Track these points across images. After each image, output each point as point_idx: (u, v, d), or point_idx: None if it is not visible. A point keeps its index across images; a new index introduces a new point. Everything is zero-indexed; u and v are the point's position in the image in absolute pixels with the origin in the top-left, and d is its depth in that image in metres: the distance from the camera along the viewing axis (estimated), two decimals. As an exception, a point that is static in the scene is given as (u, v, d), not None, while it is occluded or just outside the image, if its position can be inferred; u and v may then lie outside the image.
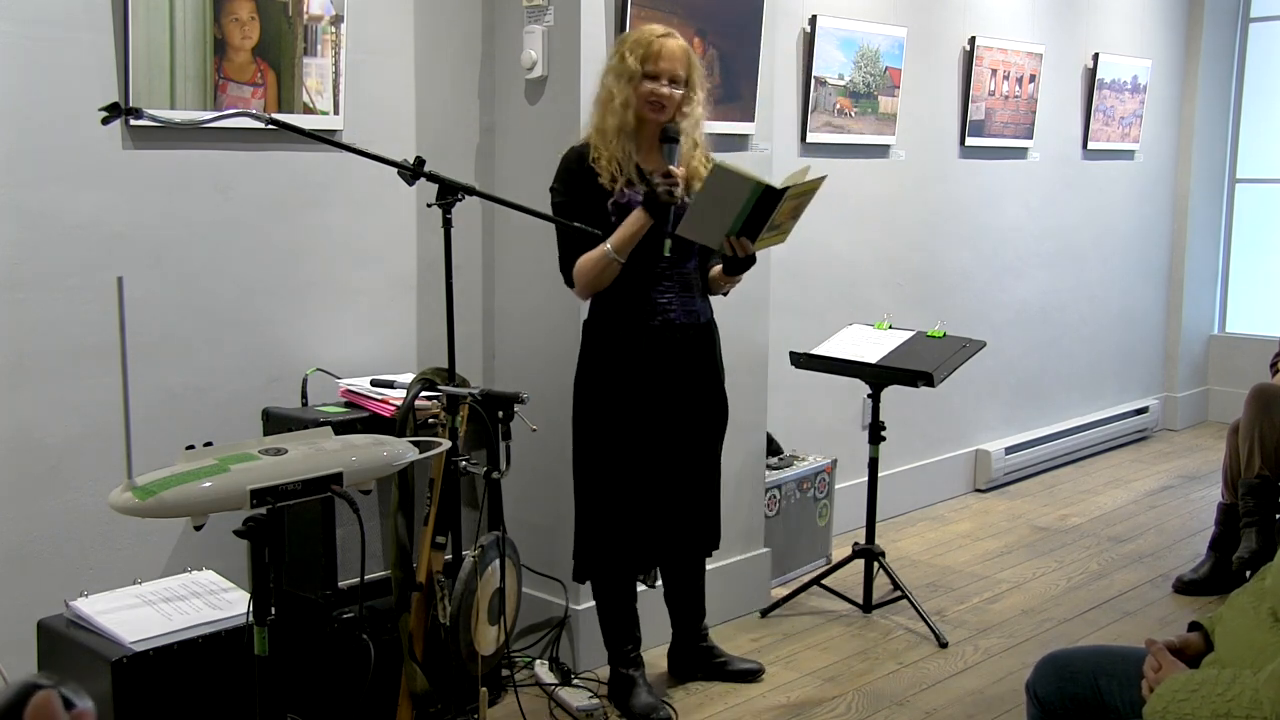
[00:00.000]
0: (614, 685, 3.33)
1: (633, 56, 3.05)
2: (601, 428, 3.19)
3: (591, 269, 3.06)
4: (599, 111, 3.11)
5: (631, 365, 3.17)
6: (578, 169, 3.09)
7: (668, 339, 3.18)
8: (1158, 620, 4.09)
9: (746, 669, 3.55)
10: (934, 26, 5.12)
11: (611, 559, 3.27)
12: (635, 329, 3.16)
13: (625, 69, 3.05)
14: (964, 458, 5.61)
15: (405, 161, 2.70)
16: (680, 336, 3.20)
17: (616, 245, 3.03)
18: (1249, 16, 7.11)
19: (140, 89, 2.89)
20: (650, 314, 3.16)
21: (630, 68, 3.04)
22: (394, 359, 3.54)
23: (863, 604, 4.10)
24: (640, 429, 3.19)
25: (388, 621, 2.97)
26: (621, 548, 3.25)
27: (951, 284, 5.41)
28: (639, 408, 3.18)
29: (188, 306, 3.10)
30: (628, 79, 3.05)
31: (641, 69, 3.04)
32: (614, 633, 3.33)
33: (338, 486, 2.23)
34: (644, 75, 3.04)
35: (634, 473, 3.20)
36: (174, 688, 2.54)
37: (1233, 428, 4.33)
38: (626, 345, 3.16)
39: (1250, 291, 7.24)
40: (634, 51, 3.05)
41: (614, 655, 3.34)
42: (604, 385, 3.19)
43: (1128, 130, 6.43)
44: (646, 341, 3.17)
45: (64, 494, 2.93)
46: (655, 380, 3.18)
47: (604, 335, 3.19)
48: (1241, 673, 1.91)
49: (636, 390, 3.17)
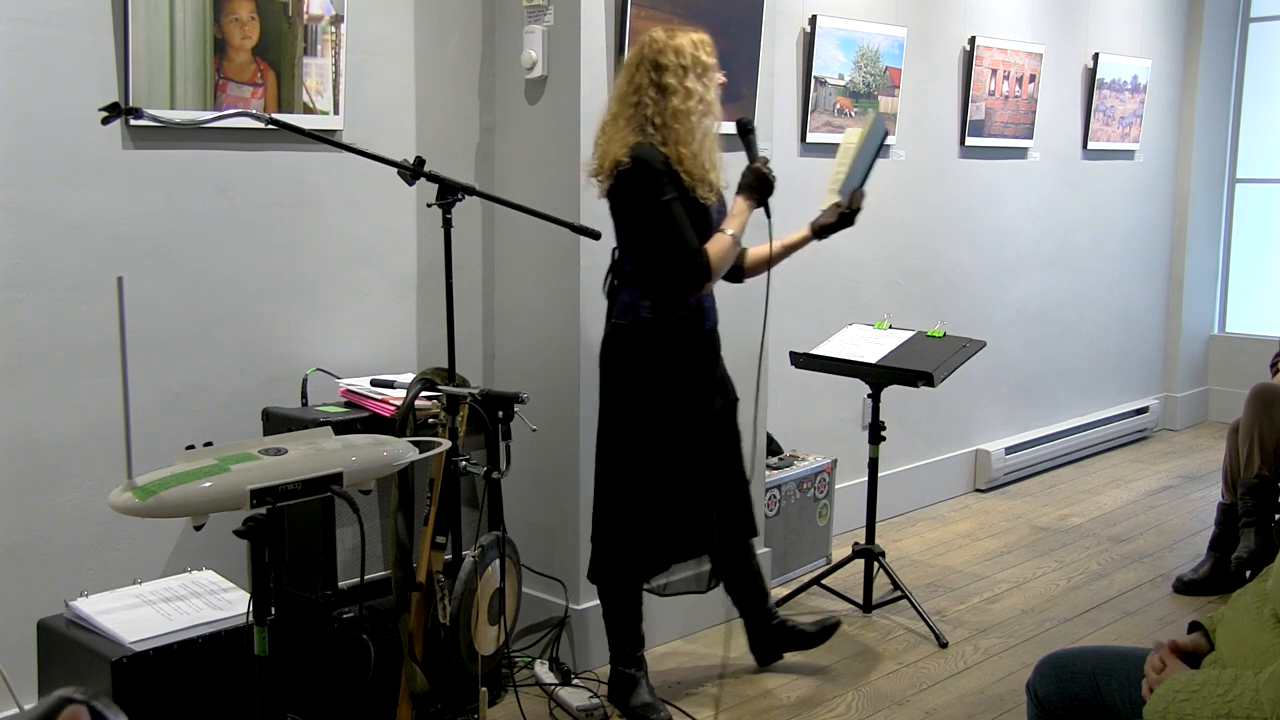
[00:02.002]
0: (615, 684, 3.34)
1: (709, 55, 3.08)
2: (647, 429, 3.18)
3: (727, 253, 3.11)
4: (683, 115, 3.03)
5: (683, 369, 3.19)
6: (666, 169, 3.04)
7: (711, 343, 3.27)
8: (1158, 620, 4.09)
9: (826, 625, 3.60)
10: (934, 26, 5.12)
11: (632, 560, 3.26)
12: (691, 332, 3.19)
13: (704, 65, 3.07)
14: (964, 458, 5.61)
15: (405, 161, 2.70)
16: (715, 340, 3.29)
17: (737, 230, 3.12)
18: (1249, 16, 7.11)
19: (140, 89, 2.89)
20: (702, 318, 3.22)
21: (708, 64, 3.07)
22: (394, 359, 3.54)
23: (863, 604, 4.10)
24: (682, 431, 3.20)
25: (388, 621, 2.97)
26: (645, 549, 3.25)
27: (951, 284, 5.41)
28: (683, 410, 3.19)
29: (188, 306, 3.10)
30: (710, 78, 3.08)
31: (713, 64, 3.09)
32: (620, 632, 3.32)
33: (338, 486, 2.23)
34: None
35: (673, 474, 3.21)
36: (174, 688, 2.54)
37: (1233, 428, 4.33)
38: (681, 348, 3.18)
39: (1250, 291, 7.24)
40: (707, 51, 3.08)
41: (616, 654, 3.33)
42: (655, 387, 3.17)
43: (1128, 130, 6.43)
44: (698, 345, 3.22)
45: (64, 494, 2.93)
46: (699, 384, 3.23)
47: (661, 336, 3.15)
48: (1243, 673, 1.91)
49: (683, 393, 3.20)
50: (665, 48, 3.05)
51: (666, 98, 3.03)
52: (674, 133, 3.03)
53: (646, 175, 3.01)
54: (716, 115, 3.11)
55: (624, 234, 3.15)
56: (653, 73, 3.05)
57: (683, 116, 3.03)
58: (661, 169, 3.02)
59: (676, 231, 3.03)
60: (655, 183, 3.01)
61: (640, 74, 3.06)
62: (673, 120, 3.03)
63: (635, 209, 3.06)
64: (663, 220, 3.02)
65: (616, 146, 3.03)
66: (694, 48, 3.07)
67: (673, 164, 3.03)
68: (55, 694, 0.77)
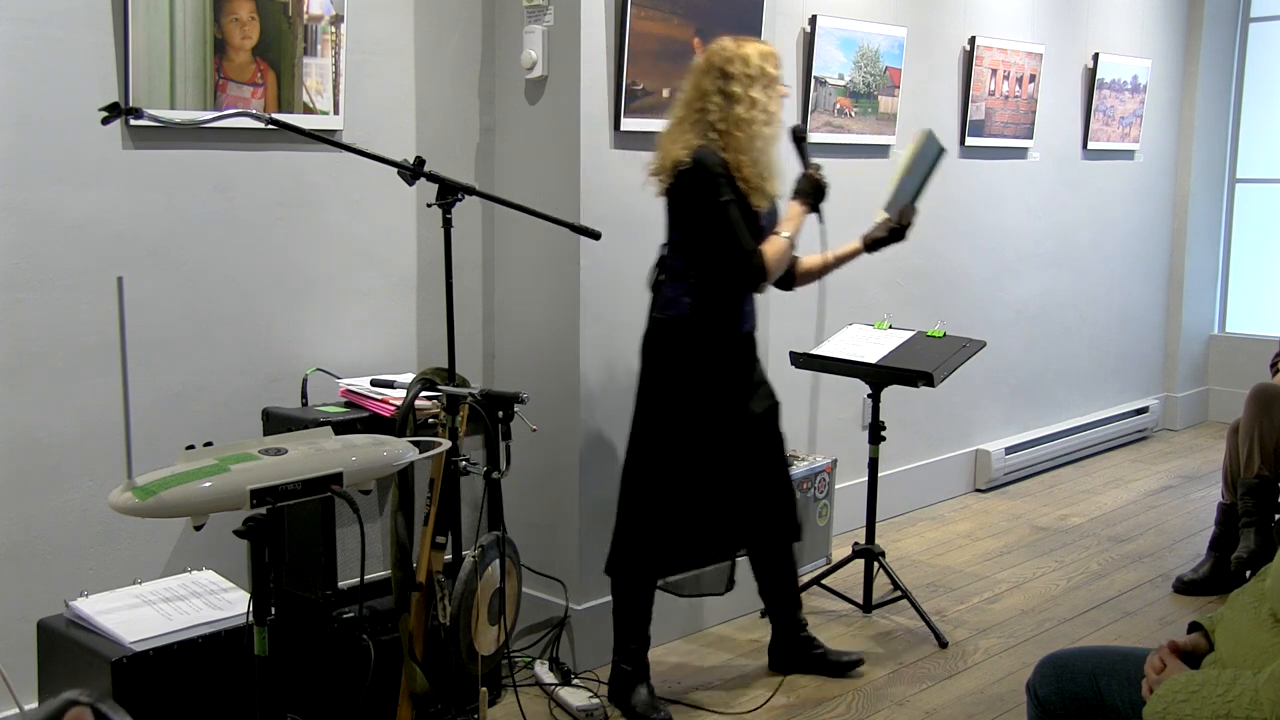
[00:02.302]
0: (615, 681, 3.34)
1: (774, 68, 3.15)
2: (681, 425, 3.22)
3: (782, 255, 3.20)
4: (746, 123, 3.10)
5: (720, 368, 3.24)
6: (724, 173, 3.11)
7: (748, 346, 3.32)
8: (1158, 620, 4.09)
9: (848, 660, 3.60)
10: (934, 26, 5.12)
11: (653, 555, 3.28)
12: (728, 333, 3.25)
13: (770, 77, 3.14)
14: (964, 458, 5.61)
15: (405, 161, 2.70)
16: (752, 343, 3.35)
17: (792, 233, 3.22)
18: (1249, 16, 7.11)
19: (140, 89, 2.89)
20: (741, 320, 3.27)
21: (774, 75, 3.14)
22: (394, 359, 3.54)
23: (863, 604, 4.10)
24: (715, 430, 3.24)
25: (388, 621, 2.97)
26: (668, 546, 3.27)
27: (951, 284, 5.41)
28: (718, 409, 3.24)
29: (188, 306, 3.10)
30: (774, 90, 3.14)
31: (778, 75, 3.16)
32: (627, 628, 3.32)
33: (338, 486, 2.23)
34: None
35: (704, 472, 3.24)
36: (174, 688, 2.54)
37: (1233, 428, 4.33)
38: (718, 348, 3.23)
39: (1250, 291, 7.24)
40: (774, 64, 3.16)
41: (621, 651, 3.33)
42: (691, 383, 3.21)
43: (1128, 130, 6.43)
44: (735, 346, 3.27)
45: (64, 494, 2.93)
46: (735, 385, 3.28)
47: (698, 333, 3.21)
48: (1242, 673, 1.91)
49: (719, 392, 3.24)
50: (733, 56, 3.13)
51: (731, 105, 3.11)
52: (735, 140, 3.11)
53: (705, 177, 3.09)
54: (778, 125, 3.19)
55: (675, 231, 3.21)
56: (719, 80, 3.12)
57: (745, 124, 3.11)
58: (719, 172, 3.09)
59: (734, 233, 3.11)
60: (714, 184, 3.09)
61: (707, 80, 3.14)
62: (735, 128, 3.11)
63: (693, 209, 3.13)
64: (721, 221, 3.10)
65: (678, 147, 3.11)
66: (760, 59, 3.15)
67: (730, 169, 3.11)
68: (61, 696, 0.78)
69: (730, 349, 3.27)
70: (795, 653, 3.60)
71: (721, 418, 3.25)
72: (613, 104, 3.50)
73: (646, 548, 3.26)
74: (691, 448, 3.23)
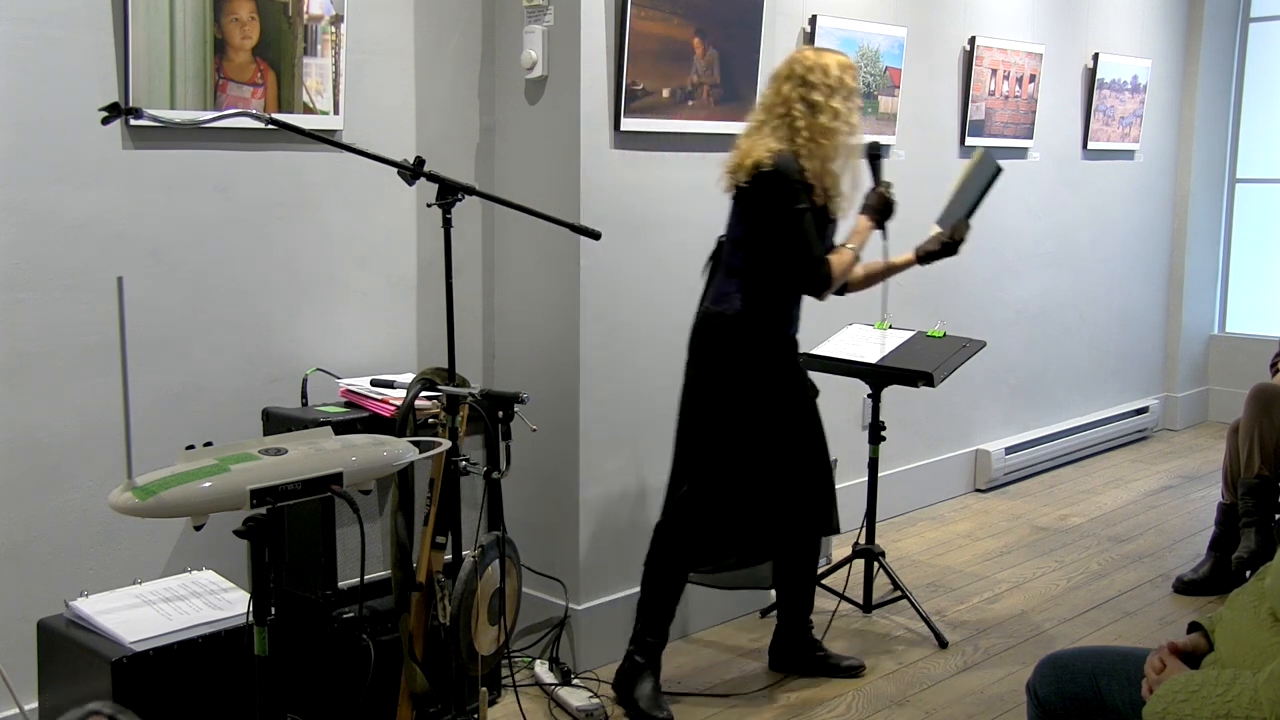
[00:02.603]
0: (625, 671, 3.35)
1: (853, 81, 3.23)
2: (732, 421, 3.27)
3: (847, 268, 3.30)
4: (831, 132, 3.17)
5: (767, 365, 3.29)
6: (801, 180, 3.17)
7: (792, 348, 3.39)
8: (1158, 620, 4.09)
9: (850, 665, 3.61)
10: (934, 26, 5.12)
11: (702, 550, 3.35)
12: (775, 333, 3.31)
13: (849, 89, 3.21)
14: (964, 458, 5.61)
15: (405, 161, 2.70)
16: (795, 345, 3.40)
17: (858, 248, 3.33)
18: (1249, 16, 7.11)
19: (140, 89, 2.89)
20: (788, 323, 3.35)
21: (853, 87, 3.22)
22: (394, 359, 3.54)
23: (863, 604, 4.10)
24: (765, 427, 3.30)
25: (388, 621, 2.97)
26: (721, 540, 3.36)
27: (951, 284, 5.41)
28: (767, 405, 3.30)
29: (188, 306, 3.10)
30: (853, 102, 3.22)
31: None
32: (650, 621, 3.34)
33: (338, 486, 2.23)
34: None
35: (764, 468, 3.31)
36: (174, 688, 2.54)
37: (1233, 428, 4.33)
38: (768, 348, 3.29)
39: (1250, 291, 7.24)
40: (855, 77, 3.25)
41: (637, 642, 3.34)
42: (741, 379, 3.27)
43: (1128, 130, 6.43)
44: (780, 347, 3.33)
45: (64, 494, 2.93)
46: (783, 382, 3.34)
47: (750, 334, 3.27)
48: (1241, 673, 1.91)
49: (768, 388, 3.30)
50: (814, 65, 3.20)
51: (815, 114, 3.18)
52: (819, 148, 3.19)
53: (784, 183, 3.15)
54: (859, 137, 3.26)
55: (740, 229, 3.26)
56: (801, 88, 3.19)
57: (830, 134, 3.18)
58: (797, 179, 3.16)
59: (805, 240, 3.18)
60: (791, 191, 3.15)
61: (789, 88, 3.20)
62: (820, 136, 3.18)
63: (767, 212, 3.18)
64: (794, 227, 3.16)
65: (760, 150, 3.17)
66: (840, 70, 3.21)
67: (809, 176, 3.16)
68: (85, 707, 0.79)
69: (776, 349, 3.32)
70: (798, 653, 3.60)
71: (773, 415, 3.31)
72: (613, 104, 3.50)
73: (695, 541, 3.32)
74: (748, 445, 3.28)
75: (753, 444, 3.29)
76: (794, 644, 3.61)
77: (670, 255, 3.72)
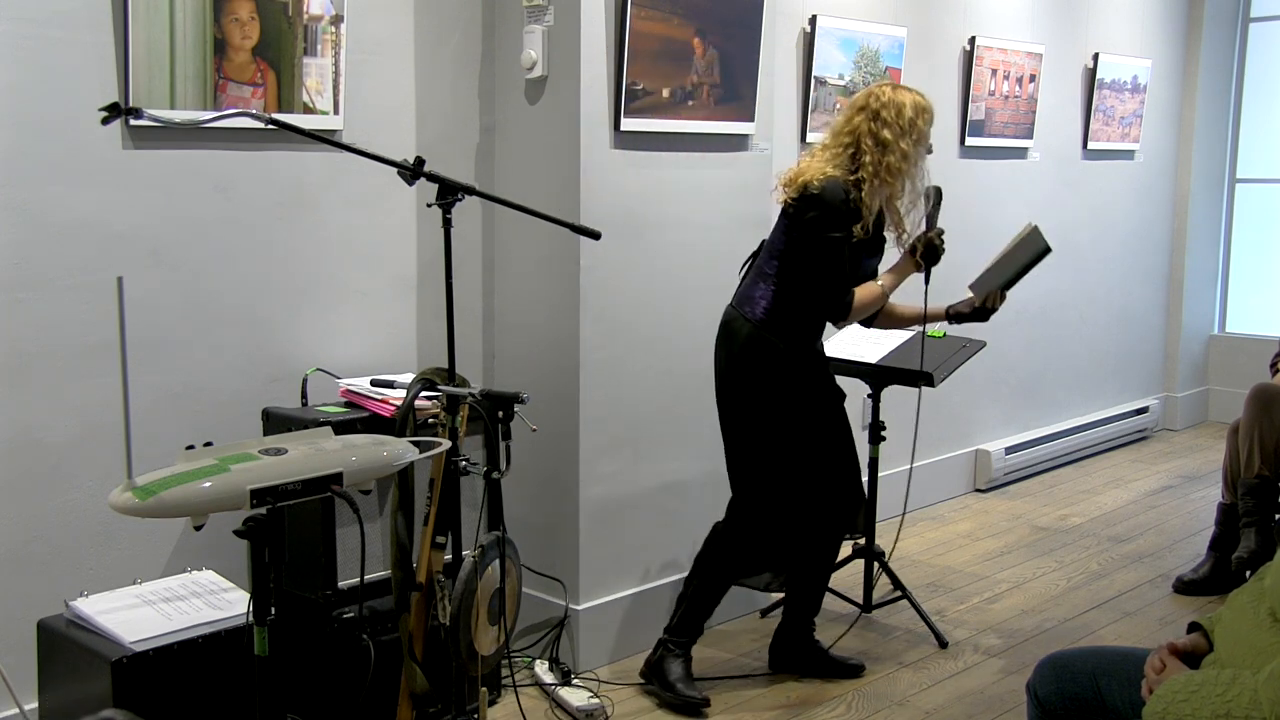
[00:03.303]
0: (658, 657, 3.44)
1: (929, 127, 3.31)
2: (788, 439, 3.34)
3: (872, 301, 3.39)
4: (899, 173, 3.25)
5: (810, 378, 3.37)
6: (849, 210, 3.23)
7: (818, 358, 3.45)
8: (1158, 620, 4.09)
9: (851, 664, 3.64)
10: (934, 26, 5.12)
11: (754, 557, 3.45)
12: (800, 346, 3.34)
13: (919, 133, 3.28)
14: (964, 458, 5.61)
15: (405, 161, 2.70)
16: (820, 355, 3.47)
17: (889, 286, 3.43)
18: (1249, 16, 7.11)
19: (140, 89, 2.89)
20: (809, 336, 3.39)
21: (924, 132, 3.29)
22: (394, 359, 3.54)
23: (863, 604, 4.10)
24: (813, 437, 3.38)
25: (388, 621, 2.97)
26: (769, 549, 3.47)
27: (951, 284, 5.40)
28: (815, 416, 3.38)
29: (188, 306, 3.10)
30: (922, 146, 3.29)
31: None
32: (692, 619, 3.44)
33: (338, 486, 2.23)
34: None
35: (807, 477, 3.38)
36: (174, 688, 2.54)
37: (1233, 428, 4.33)
38: (791, 359, 3.32)
39: (1250, 291, 7.24)
40: (928, 122, 3.31)
41: (675, 633, 3.43)
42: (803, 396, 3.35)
43: (1128, 130, 6.43)
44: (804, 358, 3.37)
45: (64, 494, 2.93)
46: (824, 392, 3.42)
47: (804, 352, 3.35)
48: (1241, 673, 1.91)
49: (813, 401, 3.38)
50: (889, 103, 3.28)
51: (884, 152, 3.24)
52: (885, 185, 3.25)
53: (826, 209, 3.21)
54: (921, 180, 3.34)
55: (782, 240, 3.31)
56: (873, 123, 3.26)
57: (895, 173, 3.25)
58: (841, 209, 3.22)
59: (835, 268, 3.26)
60: (831, 218, 3.22)
61: (860, 119, 3.28)
62: (886, 174, 3.24)
63: (806, 233, 3.25)
64: (827, 254, 3.23)
65: (814, 171, 3.25)
66: (914, 112, 3.26)
67: (864, 209, 3.24)
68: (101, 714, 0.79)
69: (802, 359, 3.35)
70: (800, 653, 3.61)
71: (807, 426, 3.36)
72: (613, 104, 3.50)
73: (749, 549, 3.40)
74: (790, 459, 3.35)
75: (794, 457, 3.35)
76: (795, 644, 3.61)
77: (670, 255, 3.72)
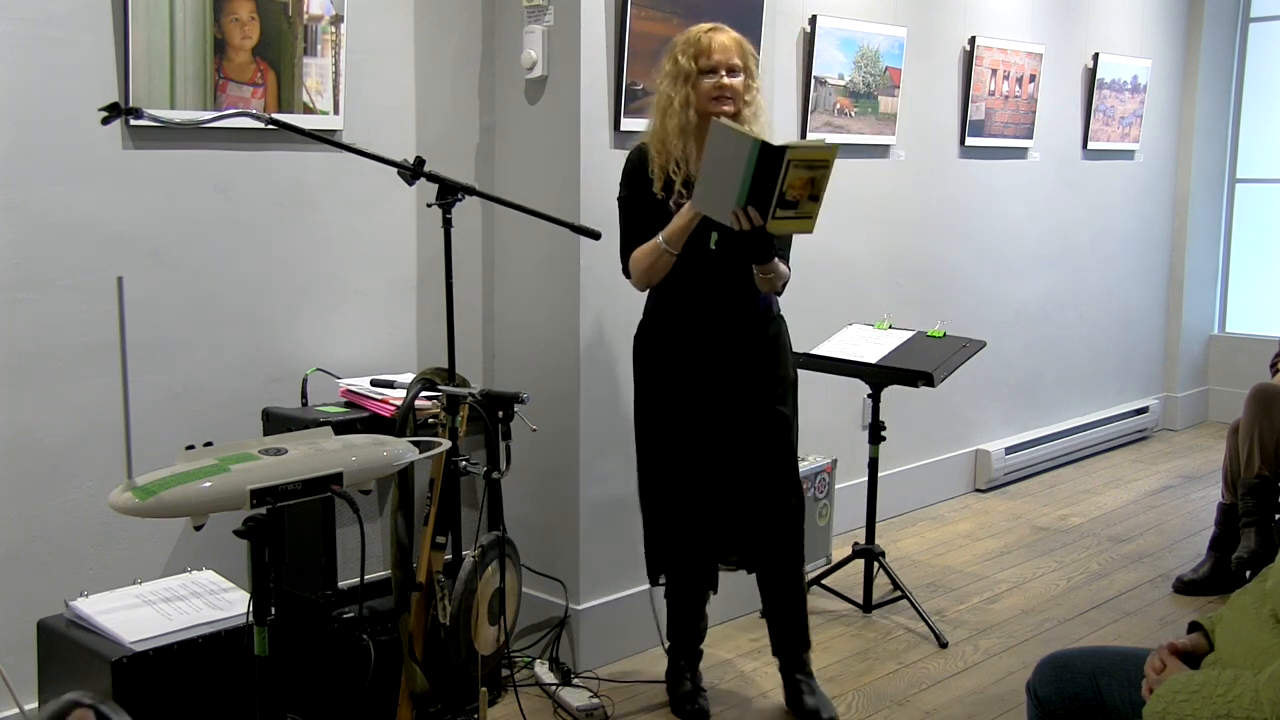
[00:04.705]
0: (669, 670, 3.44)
1: (685, 57, 3.03)
2: (653, 425, 3.21)
3: (644, 259, 3.06)
4: (657, 117, 3.07)
5: (680, 362, 3.15)
6: (639, 167, 3.10)
7: (718, 336, 3.13)
8: (1158, 620, 4.09)
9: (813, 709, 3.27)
10: (934, 26, 5.12)
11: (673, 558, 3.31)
12: (686, 325, 3.14)
13: (680, 70, 3.03)
14: (964, 458, 5.61)
15: (405, 161, 2.71)
16: (731, 333, 3.14)
17: (668, 237, 3.01)
18: (1249, 16, 7.11)
19: (140, 89, 2.89)
20: (701, 310, 3.12)
21: (685, 68, 3.03)
22: (394, 359, 3.54)
23: (863, 604, 4.10)
24: (690, 426, 3.16)
25: (388, 621, 2.97)
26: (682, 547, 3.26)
27: (951, 284, 5.41)
28: (688, 405, 3.15)
29: (188, 306, 3.10)
30: (684, 79, 3.03)
31: (696, 66, 3.02)
32: (671, 628, 3.42)
33: (338, 486, 2.23)
34: (700, 72, 3.02)
35: (686, 469, 3.18)
36: (174, 688, 2.54)
37: (1233, 428, 4.33)
38: (676, 341, 3.15)
39: (1250, 291, 7.24)
40: (685, 52, 3.04)
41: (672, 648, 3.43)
42: (653, 382, 3.20)
43: (1128, 130, 6.43)
44: (696, 337, 3.13)
45: (64, 494, 2.93)
46: (705, 377, 3.14)
47: (655, 331, 3.20)
48: (1242, 673, 1.91)
49: (684, 387, 3.15)
50: (668, 52, 3.09)
51: (655, 99, 3.13)
52: (653, 134, 3.10)
53: (623, 172, 3.16)
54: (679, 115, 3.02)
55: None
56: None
57: (656, 117, 3.09)
58: (626, 166, 3.15)
59: (621, 229, 3.16)
60: (623, 179, 3.16)
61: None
62: (653, 123, 3.11)
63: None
64: (620, 216, 3.17)
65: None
66: (680, 44, 3.05)
67: (653, 165, 3.06)
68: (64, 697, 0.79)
69: (692, 341, 3.13)
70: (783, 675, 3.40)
71: (692, 410, 3.15)
72: (613, 104, 3.50)
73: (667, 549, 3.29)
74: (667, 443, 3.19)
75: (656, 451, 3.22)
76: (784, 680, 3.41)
77: (670, 255, 3.71)
